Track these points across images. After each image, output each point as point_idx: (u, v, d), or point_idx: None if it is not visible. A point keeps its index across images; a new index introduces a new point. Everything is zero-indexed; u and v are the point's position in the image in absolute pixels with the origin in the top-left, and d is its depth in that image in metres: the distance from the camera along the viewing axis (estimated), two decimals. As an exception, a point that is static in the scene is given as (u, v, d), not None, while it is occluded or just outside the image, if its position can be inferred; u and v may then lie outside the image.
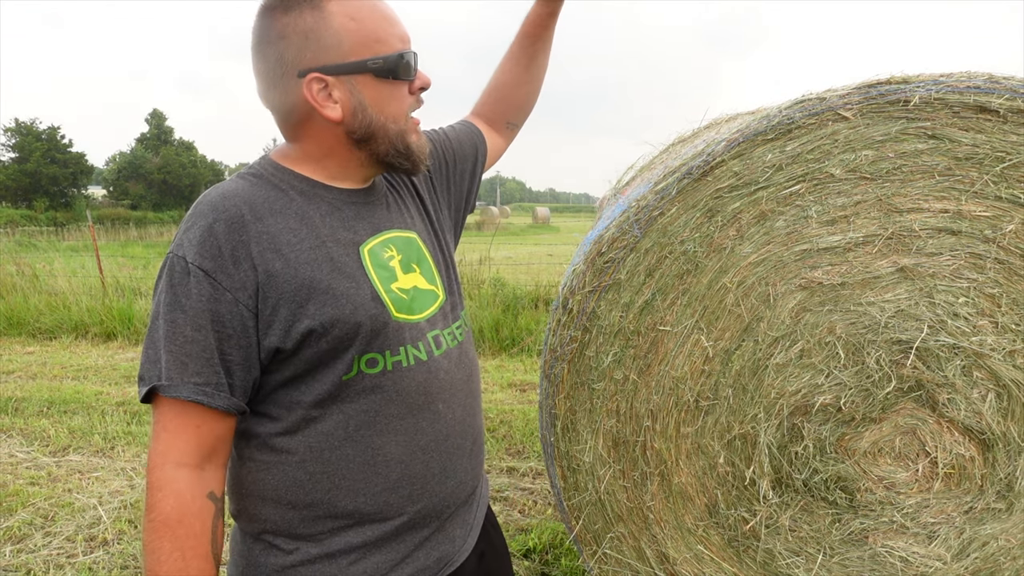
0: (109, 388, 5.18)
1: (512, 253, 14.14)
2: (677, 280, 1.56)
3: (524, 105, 1.51)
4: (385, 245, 1.09)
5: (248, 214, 0.98)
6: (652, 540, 1.71)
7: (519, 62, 1.45)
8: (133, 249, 15.09)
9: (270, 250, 0.97)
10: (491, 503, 3.24)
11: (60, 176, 36.36)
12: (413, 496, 1.07)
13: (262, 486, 1.04)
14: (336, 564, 1.04)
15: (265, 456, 1.03)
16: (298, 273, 0.97)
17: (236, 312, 0.95)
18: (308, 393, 1.01)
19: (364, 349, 1.01)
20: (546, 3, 1.39)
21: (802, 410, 1.60)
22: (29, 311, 7.32)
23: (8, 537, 2.96)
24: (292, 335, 0.97)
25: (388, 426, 1.04)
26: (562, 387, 1.64)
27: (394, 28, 1.03)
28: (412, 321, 1.07)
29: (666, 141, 2.52)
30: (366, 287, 1.02)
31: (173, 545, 0.93)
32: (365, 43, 0.99)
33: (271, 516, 1.04)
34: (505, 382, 5.30)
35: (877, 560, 1.64)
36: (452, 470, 1.12)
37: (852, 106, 1.43)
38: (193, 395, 0.94)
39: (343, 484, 1.03)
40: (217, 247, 0.94)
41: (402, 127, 1.06)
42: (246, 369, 0.98)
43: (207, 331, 0.94)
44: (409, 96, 1.07)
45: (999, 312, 1.50)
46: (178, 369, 0.94)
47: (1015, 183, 1.43)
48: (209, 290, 0.94)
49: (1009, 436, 1.56)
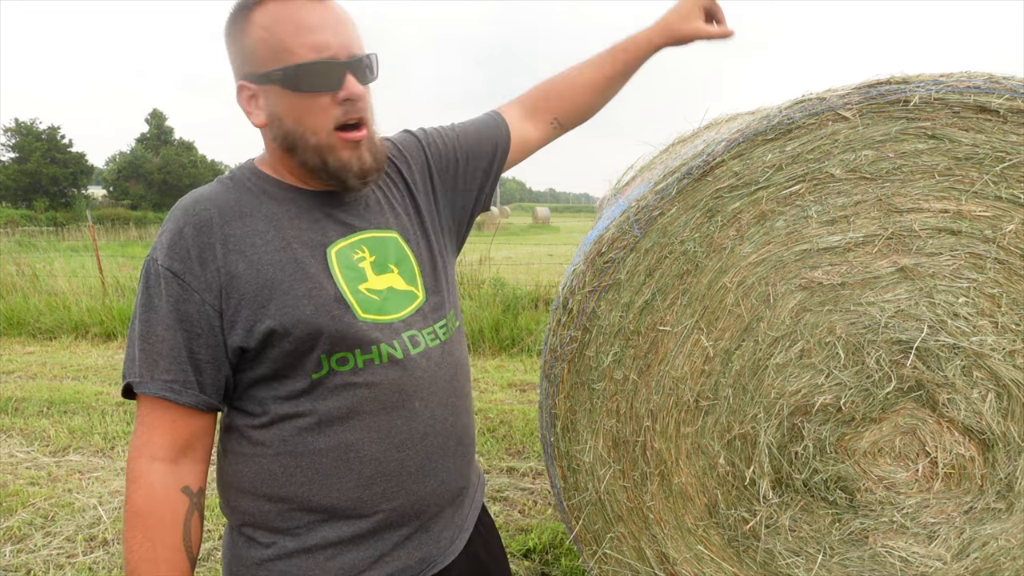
0: (109, 388, 5.18)
1: (512, 253, 14.14)
2: (677, 280, 1.56)
3: (583, 111, 1.46)
4: (356, 247, 1.09)
5: (216, 217, 1.01)
6: (652, 540, 1.71)
7: (605, 72, 1.40)
8: (133, 249, 15.09)
9: (235, 252, 1.00)
10: (491, 503, 3.25)
11: (60, 176, 36.37)
12: (388, 493, 1.07)
13: (240, 478, 1.07)
14: (313, 559, 1.05)
15: (244, 448, 1.07)
16: (260, 274, 1.00)
17: (203, 312, 0.99)
18: (280, 390, 1.04)
19: (331, 349, 1.02)
20: (669, 39, 1.37)
21: (802, 410, 1.60)
22: (29, 311, 7.32)
23: (8, 537, 2.96)
24: (254, 335, 1.00)
25: (361, 423, 1.05)
26: (562, 387, 1.64)
27: (307, 37, 0.97)
28: (383, 321, 1.07)
29: (666, 141, 2.51)
30: (329, 288, 1.03)
31: (144, 535, 0.98)
32: (273, 53, 0.98)
33: (249, 508, 1.07)
34: (505, 382, 5.30)
35: (877, 560, 1.64)
36: (432, 469, 1.12)
37: (852, 106, 1.43)
38: (161, 392, 0.98)
39: (316, 479, 1.04)
40: (186, 249, 0.99)
41: (323, 141, 1.01)
42: (216, 367, 1.01)
43: (176, 330, 0.99)
44: (334, 107, 1.00)
45: (999, 312, 1.50)
46: (149, 367, 0.99)
47: (1015, 183, 1.43)
48: (178, 291, 0.98)
49: (1009, 436, 1.56)
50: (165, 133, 43.19)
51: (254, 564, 1.06)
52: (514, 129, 1.39)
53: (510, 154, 1.39)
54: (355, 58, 1.01)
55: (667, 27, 1.39)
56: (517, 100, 1.44)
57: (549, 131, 1.46)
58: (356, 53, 1.01)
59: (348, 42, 1.01)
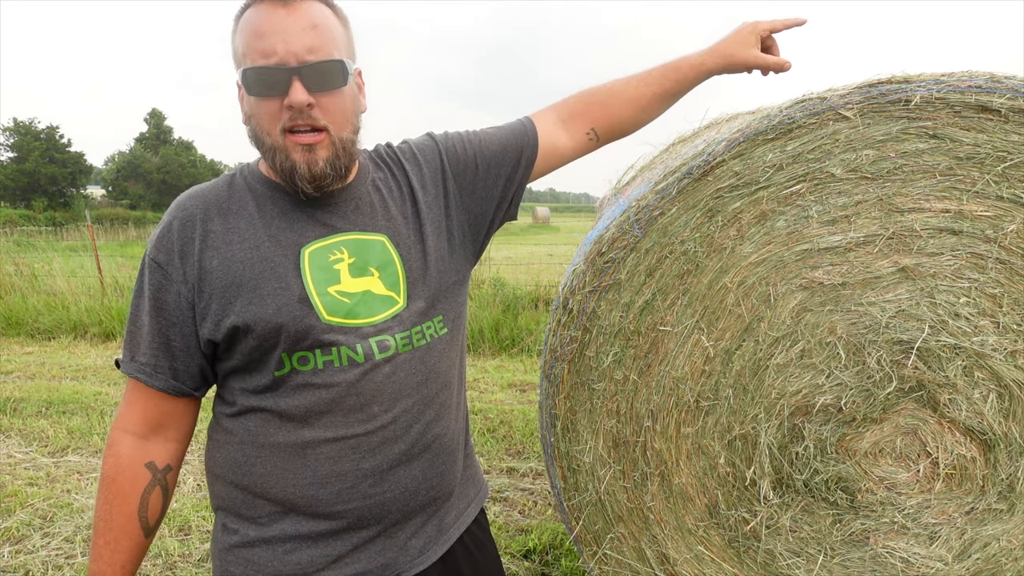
0: (108, 388, 5.17)
1: (512, 253, 14.14)
2: (677, 280, 1.56)
3: (623, 126, 1.41)
4: (334, 248, 1.10)
5: (201, 214, 1.08)
6: (652, 541, 1.71)
7: (652, 89, 1.37)
8: (132, 249, 15.08)
9: (210, 248, 1.06)
10: (491, 503, 3.25)
11: (59, 176, 36.35)
12: (343, 495, 1.09)
13: (214, 463, 1.15)
14: (272, 551, 1.09)
15: (217, 435, 1.15)
16: (229, 271, 1.04)
17: (179, 303, 1.06)
18: (248, 383, 1.09)
19: (292, 348, 1.05)
20: (724, 65, 1.36)
21: (803, 410, 1.60)
22: (28, 311, 7.31)
23: (7, 538, 2.96)
24: (221, 329, 1.05)
25: (319, 422, 1.07)
26: (562, 387, 1.64)
27: (259, 42, 1.00)
28: (350, 325, 1.08)
29: (666, 141, 2.51)
30: (295, 289, 1.05)
31: (105, 499, 1.09)
32: (238, 57, 1.05)
33: (221, 492, 1.14)
34: (505, 382, 5.29)
35: (878, 561, 1.63)
36: (392, 475, 1.11)
37: (853, 105, 1.43)
38: (136, 373, 1.08)
39: (274, 471, 1.08)
40: (171, 243, 1.06)
41: (276, 142, 1.04)
42: (189, 355, 1.08)
43: (155, 317, 1.07)
44: (283, 112, 1.02)
45: (1000, 312, 1.50)
46: (131, 348, 1.09)
47: (1016, 183, 1.43)
48: (160, 280, 1.06)
49: (1011, 436, 1.55)
50: (164, 133, 43.18)
51: (224, 549, 1.13)
52: (545, 136, 1.35)
53: (538, 162, 1.34)
54: (305, 64, 1.00)
55: (723, 52, 1.36)
56: (553, 106, 1.40)
57: (583, 141, 1.40)
58: (308, 60, 1.00)
59: (301, 49, 1.00)
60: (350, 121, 1.09)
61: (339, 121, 1.06)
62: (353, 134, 1.10)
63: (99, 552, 1.09)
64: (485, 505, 1.43)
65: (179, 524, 3.08)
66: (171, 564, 2.77)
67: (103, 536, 1.09)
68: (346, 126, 1.08)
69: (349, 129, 1.08)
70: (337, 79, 1.04)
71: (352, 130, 1.10)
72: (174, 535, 2.99)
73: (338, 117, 1.06)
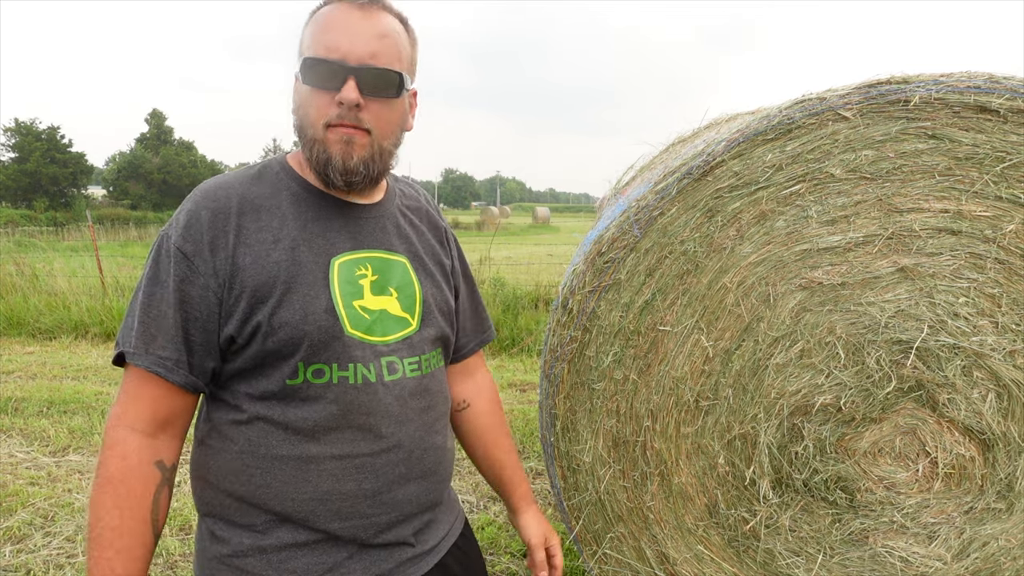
0: (109, 388, 5.17)
1: (512, 253, 14.14)
2: (677, 280, 1.56)
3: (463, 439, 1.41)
4: (360, 263, 1.10)
5: (234, 208, 1.04)
6: (652, 540, 1.71)
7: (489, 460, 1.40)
8: (133, 249, 15.09)
9: (244, 244, 1.03)
10: (491, 503, 3.25)
11: (60, 176, 36.37)
12: (342, 512, 1.08)
13: (206, 469, 1.10)
14: (268, 559, 1.06)
15: (213, 441, 1.09)
16: (263, 271, 1.03)
17: (205, 297, 1.02)
18: (255, 387, 1.06)
19: (310, 358, 1.04)
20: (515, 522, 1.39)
21: (802, 410, 1.60)
22: (29, 311, 7.31)
23: (8, 537, 2.96)
24: (246, 328, 1.02)
25: (326, 438, 1.06)
26: (562, 387, 1.64)
27: (326, 36, 1.01)
28: (368, 341, 1.08)
29: (666, 141, 2.52)
30: (323, 298, 1.05)
31: (113, 502, 0.99)
32: (303, 47, 1.05)
33: (212, 500, 1.10)
34: (505, 382, 5.30)
35: (877, 560, 1.64)
36: (391, 498, 1.11)
37: (852, 106, 1.43)
38: (154, 366, 1.01)
39: (273, 483, 1.06)
40: (200, 233, 1.02)
41: (318, 135, 1.03)
42: (206, 351, 1.04)
43: (177, 310, 1.02)
44: (331, 107, 1.01)
45: (999, 312, 1.50)
46: (146, 340, 1.02)
47: (1015, 183, 1.43)
48: (185, 272, 1.01)
49: (1009, 436, 1.56)
50: (165, 133, 43.20)
51: (215, 559, 1.08)
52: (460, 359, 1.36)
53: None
54: (364, 66, 1.01)
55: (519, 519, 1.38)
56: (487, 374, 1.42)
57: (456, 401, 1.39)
58: (368, 63, 1.01)
59: (364, 52, 1.01)
60: (394, 133, 1.09)
61: (384, 129, 1.06)
62: (393, 147, 1.10)
63: (110, 564, 0.98)
64: (485, 504, 1.43)
65: (180, 523, 3.09)
66: (172, 563, 2.78)
67: (113, 546, 0.98)
68: (389, 136, 1.08)
69: (391, 140, 1.09)
70: (391, 89, 1.05)
71: (393, 142, 1.10)
72: (175, 534, 3.00)
73: (383, 125, 1.06)
